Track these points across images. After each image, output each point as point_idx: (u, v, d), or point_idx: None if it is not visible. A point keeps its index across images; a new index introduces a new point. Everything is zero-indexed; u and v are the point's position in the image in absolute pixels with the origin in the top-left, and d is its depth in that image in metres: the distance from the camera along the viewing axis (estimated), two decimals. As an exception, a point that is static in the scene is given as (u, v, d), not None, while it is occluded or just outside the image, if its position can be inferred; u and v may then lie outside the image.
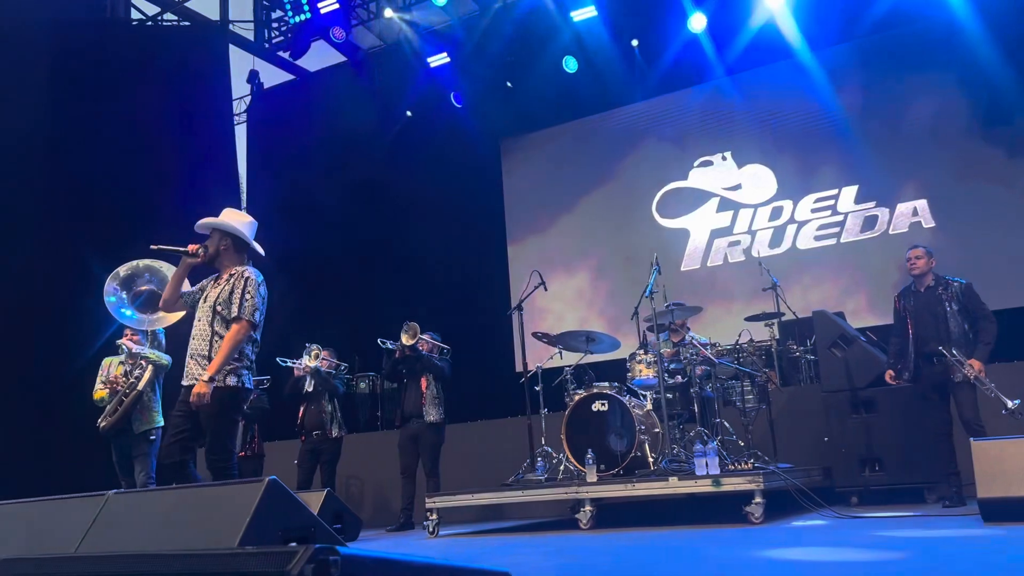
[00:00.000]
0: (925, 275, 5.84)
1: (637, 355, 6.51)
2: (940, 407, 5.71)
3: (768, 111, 10.21)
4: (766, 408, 6.65)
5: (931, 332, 5.68)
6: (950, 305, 5.67)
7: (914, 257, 5.87)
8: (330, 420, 7.73)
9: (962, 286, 5.74)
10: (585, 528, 5.72)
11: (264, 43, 13.06)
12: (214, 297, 4.38)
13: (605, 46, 10.39)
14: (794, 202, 9.96)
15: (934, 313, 5.71)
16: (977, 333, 5.61)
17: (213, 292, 4.41)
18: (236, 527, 2.69)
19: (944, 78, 9.18)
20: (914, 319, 5.79)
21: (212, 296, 4.39)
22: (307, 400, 7.78)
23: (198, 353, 4.31)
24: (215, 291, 4.41)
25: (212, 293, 4.41)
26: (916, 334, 5.76)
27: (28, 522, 3.36)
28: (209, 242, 4.48)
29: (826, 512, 5.37)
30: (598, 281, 10.98)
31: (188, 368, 4.34)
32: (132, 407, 6.07)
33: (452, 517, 7.23)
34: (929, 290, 5.81)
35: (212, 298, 4.38)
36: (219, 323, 4.32)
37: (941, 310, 5.69)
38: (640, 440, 6.02)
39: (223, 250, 4.47)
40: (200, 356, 4.30)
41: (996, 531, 4.15)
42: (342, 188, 12.00)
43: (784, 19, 9.57)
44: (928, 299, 5.78)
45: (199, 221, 4.50)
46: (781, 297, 7.79)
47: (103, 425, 6.14)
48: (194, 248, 4.44)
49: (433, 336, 7.66)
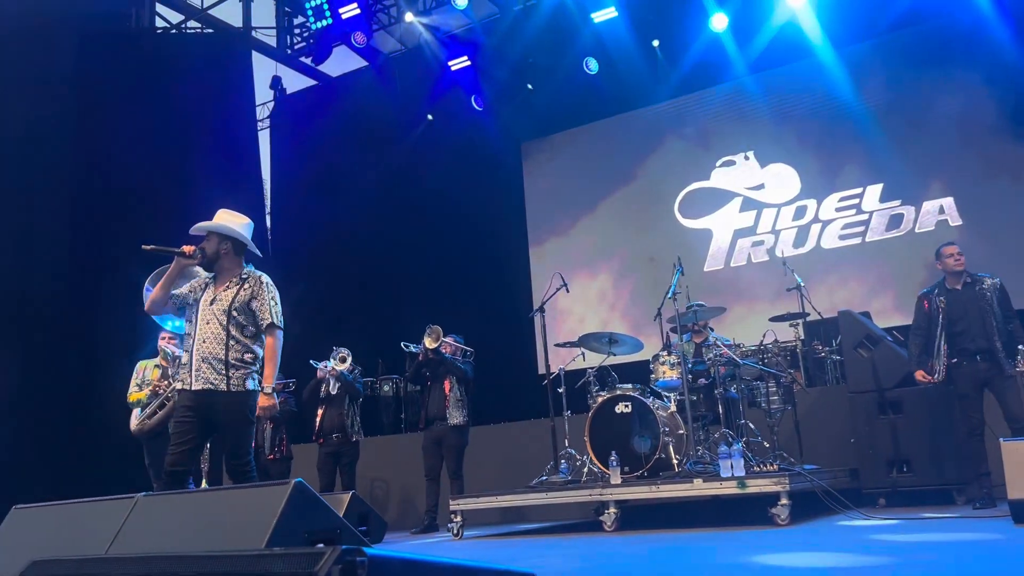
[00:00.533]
0: (963, 272, 5.77)
1: (660, 356, 6.49)
2: (976, 406, 5.63)
3: (790, 110, 10.14)
4: (791, 409, 6.60)
5: (977, 328, 5.60)
6: (991, 302, 5.61)
7: (956, 253, 5.79)
8: (350, 423, 7.74)
9: (997, 283, 5.68)
10: (610, 530, 5.70)
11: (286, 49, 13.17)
12: (227, 300, 4.27)
13: (626, 47, 10.37)
14: (818, 201, 9.88)
15: (979, 309, 5.63)
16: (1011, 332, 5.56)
17: (224, 295, 4.29)
18: (263, 529, 2.72)
19: (969, 75, 9.07)
20: (951, 316, 5.69)
21: (225, 299, 4.28)
22: (327, 403, 7.79)
23: (213, 357, 4.19)
24: (226, 294, 4.30)
25: (222, 296, 4.29)
26: (954, 331, 5.67)
27: (59, 524, 3.41)
28: (207, 244, 4.36)
29: (853, 514, 5.32)
30: (620, 282, 10.95)
31: (200, 372, 4.19)
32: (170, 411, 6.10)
33: (476, 519, 7.24)
34: (967, 286, 5.73)
35: (225, 301, 4.27)
36: (235, 327, 4.23)
37: (985, 306, 5.62)
38: (664, 442, 6.00)
39: (224, 253, 4.36)
40: (216, 360, 4.19)
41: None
42: (364, 192, 12.07)
43: (806, 17, 9.50)
44: (968, 295, 5.69)
45: (196, 224, 4.40)
46: (806, 297, 7.72)
47: (139, 427, 6.18)
48: (190, 249, 4.31)
49: (456, 339, 7.67)
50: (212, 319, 4.25)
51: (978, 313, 5.63)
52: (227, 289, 4.32)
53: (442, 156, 11.53)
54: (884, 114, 9.58)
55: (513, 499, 6.40)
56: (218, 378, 4.17)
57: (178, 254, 4.30)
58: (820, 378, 7.65)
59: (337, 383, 7.74)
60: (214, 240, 4.36)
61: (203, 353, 4.21)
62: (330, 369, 7.70)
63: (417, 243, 11.74)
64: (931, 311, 5.79)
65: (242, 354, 4.24)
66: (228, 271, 4.38)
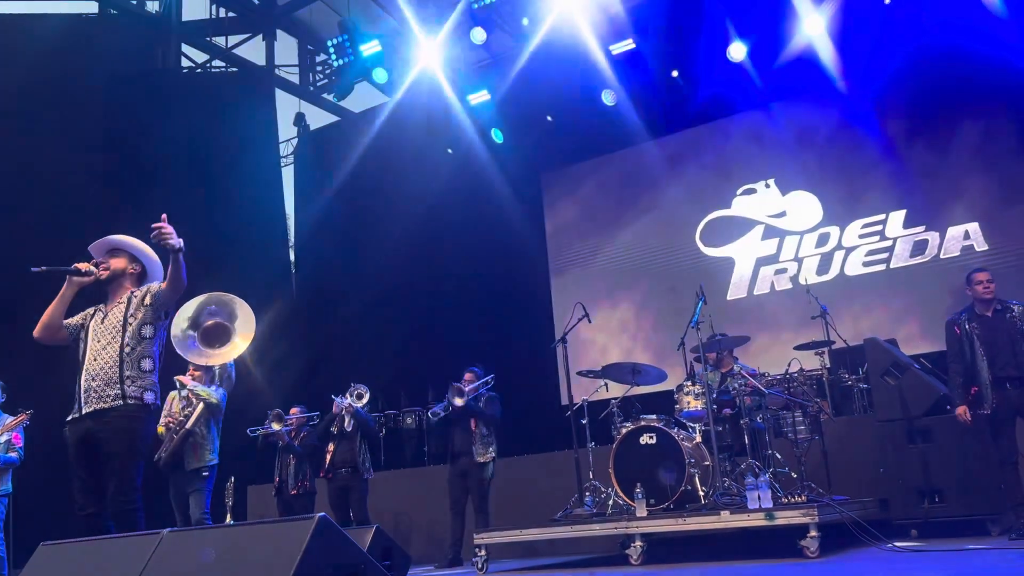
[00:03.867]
0: (993, 299, 5.70)
1: (684, 386, 6.43)
2: (1010, 434, 5.53)
3: (810, 137, 10.13)
4: (819, 439, 6.50)
5: (1008, 357, 5.52)
6: (1022, 329, 5.54)
7: (987, 280, 5.71)
8: (361, 460, 7.68)
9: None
10: (636, 564, 5.63)
11: (309, 86, 13.40)
12: (120, 315, 4.00)
13: (644, 77, 10.43)
14: (841, 228, 9.82)
15: (1010, 337, 5.56)
16: None
17: (115, 311, 4.03)
18: (288, 564, 2.71)
19: (990, 99, 9.03)
20: (986, 344, 5.60)
21: (116, 315, 4.01)
22: (339, 438, 7.72)
23: (105, 376, 3.92)
24: (116, 309, 4.03)
25: (113, 312, 4.03)
26: (991, 359, 5.57)
27: (86, 561, 3.42)
28: (113, 261, 4.11)
29: (884, 546, 5.22)
30: (642, 312, 10.91)
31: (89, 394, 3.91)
32: (182, 444, 6.17)
33: (501, 553, 7.17)
34: (998, 314, 5.66)
35: (117, 317, 4.00)
36: (130, 336, 3.97)
37: (1016, 334, 5.55)
38: (690, 473, 5.93)
39: (130, 274, 4.15)
40: (110, 378, 3.92)
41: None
42: (386, 225, 12.16)
43: (824, 45, 9.51)
44: (999, 323, 5.62)
45: (107, 236, 4.16)
46: (831, 325, 7.65)
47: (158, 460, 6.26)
48: (85, 266, 4.04)
49: (475, 371, 7.63)
50: (103, 336, 4.00)
51: (1008, 340, 5.55)
52: (118, 305, 4.07)
53: (463, 188, 11.62)
54: (905, 140, 9.55)
55: (538, 533, 6.33)
56: (113, 393, 3.90)
57: (72, 272, 4.04)
58: (847, 407, 7.55)
59: (352, 420, 7.69)
60: (123, 259, 4.16)
61: (93, 372, 3.94)
62: (346, 405, 7.66)
63: (439, 275, 11.79)
64: (965, 338, 5.68)
65: (138, 361, 3.97)
66: (121, 291, 4.13)
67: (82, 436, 3.93)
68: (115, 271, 4.11)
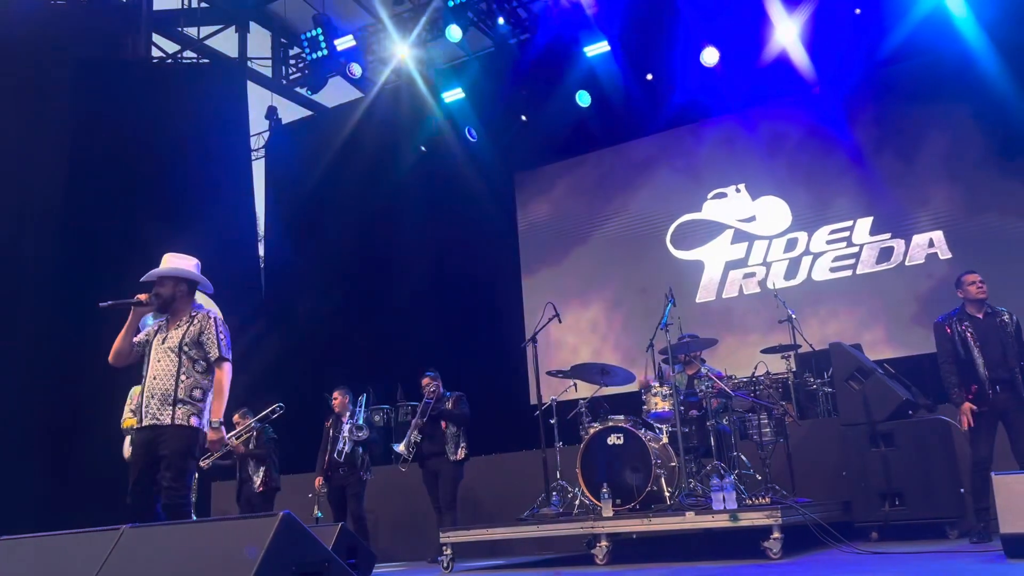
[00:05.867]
0: (985, 301, 5.69)
1: (652, 387, 6.47)
2: (989, 439, 5.52)
3: (781, 143, 10.24)
4: (783, 441, 6.57)
5: (998, 359, 5.52)
6: (1012, 335, 5.57)
7: (979, 281, 5.69)
8: (359, 462, 7.63)
9: (1015, 319, 5.63)
10: (601, 564, 5.65)
11: (282, 79, 13.26)
12: (177, 338, 4.43)
13: (618, 80, 10.48)
14: (809, 234, 9.93)
15: (1001, 340, 5.56)
16: None
17: (174, 333, 4.46)
18: (250, 561, 2.68)
19: (958, 110, 9.18)
20: (979, 344, 5.58)
21: (175, 337, 4.44)
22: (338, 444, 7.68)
23: (162, 392, 4.33)
24: (176, 332, 4.46)
25: (173, 335, 4.45)
26: (985, 359, 5.55)
27: (42, 556, 3.36)
28: (162, 289, 4.50)
29: (846, 548, 5.29)
30: (612, 313, 10.95)
31: (149, 408, 4.33)
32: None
33: (467, 552, 7.16)
34: (988, 316, 5.67)
35: (175, 339, 4.43)
36: (187, 360, 4.39)
37: (1006, 338, 5.56)
38: (656, 474, 5.96)
39: (180, 295, 4.53)
40: (165, 395, 4.33)
41: (1020, 567, 4.07)
42: (358, 222, 12.09)
43: (797, 52, 9.62)
44: (990, 325, 5.62)
45: (150, 272, 4.53)
46: (797, 329, 7.73)
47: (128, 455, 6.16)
48: (144, 297, 4.48)
49: (429, 374, 7.66)
50: (163, 357, 4.41)
51: (999, 343, 5.56)
52: (178, 327, 4.49)
53: (435, 186, 11.58)
54: (874, 148, 9.68)
55: (504, 532, 6.34)
56: (164, 413, 4.29)
57: (134, 304, 4.47)
58: (812, 410, 7.64)
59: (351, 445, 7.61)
60: (169, 284, 4.52)
61: (153, 390, 4.36)
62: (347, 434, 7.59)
63: (410, 273, 11.73)
64: (958, 337, 5.65)
65: (191, 390, 4.37)
66: (181, 311, 4.54)
67: (142, 442, 4.36)
68: (165, 298, 4.50)
